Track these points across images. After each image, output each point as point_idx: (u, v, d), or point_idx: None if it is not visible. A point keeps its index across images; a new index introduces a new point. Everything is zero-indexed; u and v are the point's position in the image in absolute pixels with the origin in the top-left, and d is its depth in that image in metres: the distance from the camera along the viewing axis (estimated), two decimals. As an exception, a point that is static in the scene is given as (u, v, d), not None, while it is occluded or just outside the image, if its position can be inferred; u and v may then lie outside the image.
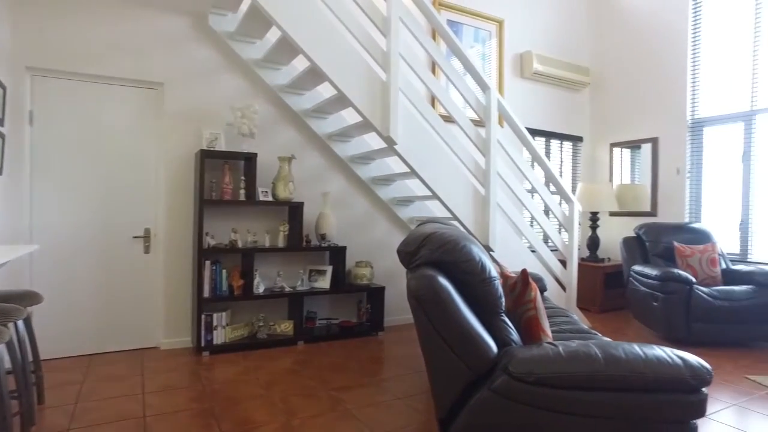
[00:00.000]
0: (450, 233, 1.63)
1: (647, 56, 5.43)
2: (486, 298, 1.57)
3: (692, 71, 5.08)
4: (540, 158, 4.14)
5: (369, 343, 3.83)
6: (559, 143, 5.81)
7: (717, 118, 4.92)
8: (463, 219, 3.66)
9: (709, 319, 3.79)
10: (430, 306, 1.44)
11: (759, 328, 3.85)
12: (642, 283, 4.19)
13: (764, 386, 3.05)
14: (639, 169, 5.64)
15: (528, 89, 5.44)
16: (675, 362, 1.43)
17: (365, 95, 3.18)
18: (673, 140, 5.20)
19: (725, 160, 4.88)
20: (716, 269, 4.23)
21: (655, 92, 5.37)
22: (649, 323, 4.17)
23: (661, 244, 4.50)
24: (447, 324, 1.43)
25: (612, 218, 5.79)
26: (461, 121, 3.63)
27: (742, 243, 4.74)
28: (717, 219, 4.93)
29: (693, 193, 5.11)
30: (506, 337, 1.56)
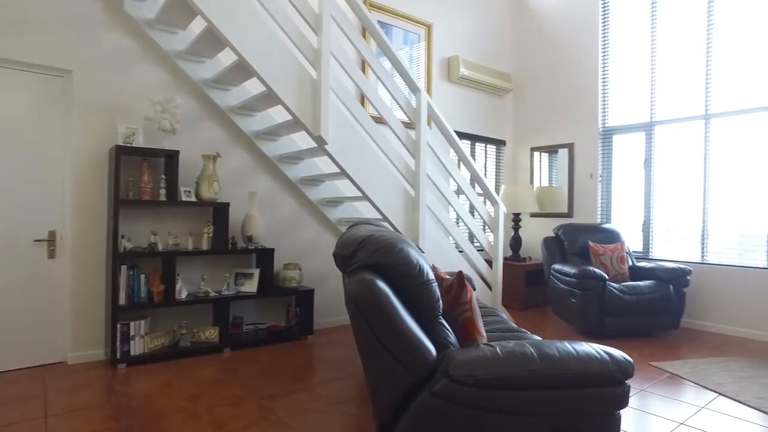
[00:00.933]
0: (387, 236, 1.61)
1: (563, 66, 5.76)
2: (424, 302, 1.57)
3: (602, 83, 5.46)
4: (468, 161, 4.25)
5: (299, 348, 3.74)
6: (483, 146, 6.01)
7: (623, 127, 5.32)
8: (394, 220, 3.67)
9: (619, 313, 4.08)
10: (369, 311, 1.41)
11: (660, 319, 4.20)
12: (561, 281, 4.42)
13: (666, 371, 3.32)
14: (556, 173, 5.97)
15: (455, 93, 5.59)
16: (603, 358, 1.50)
17: (295, 93, 3.09)
18: (587, 146, 5.56)
19: (631, 166, 5.29)
20: (625, 266, 4.57)
21: (570, 101, 5.71)
22: (567, 318, 4.42)
23: (578, 243, 4.79)
24: (386, 329, 1.41)
25: (532, 219, 6.08)
26: (391, 122, 3.64)
27: (644, 242, 5.16)
28: (624, 220, 5.33)
29: (604, 195, 5.49)
30: (445, 340, 1.57)
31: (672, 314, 4.22)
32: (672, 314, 4.22)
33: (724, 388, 3.03)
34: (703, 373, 3.28)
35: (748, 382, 3.15)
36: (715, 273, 4.57)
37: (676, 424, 2.49)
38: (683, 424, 2.49)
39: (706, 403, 2.79)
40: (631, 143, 5.29)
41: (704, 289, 4.58)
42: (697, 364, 3.47)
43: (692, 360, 3.57)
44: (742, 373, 3.32)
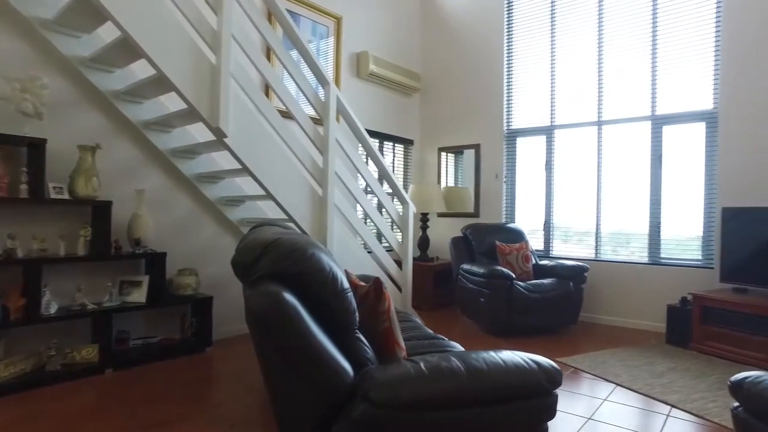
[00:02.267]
0: (295, 240, 1.40)
1: (471, 69, 5.86)
2: (339, 314, 1.38)
3: (507, 87, 5.62)
4: (378, 158, 4.12)
5: (196, 362, 3.37)
6: (391, 145, 5.94)
7: (526, 130, 5.51)
8: (300, 220, 3.44)
9: (525, 311, 4.18)
10: (275, 329, 1.19)
11: (561, 315, 4.37)
12: (470, 281, 4.45)
13: (570, 366, 3.42)
14: (463, 173, 6.06)
15: (364, 90, 5.45)
16: (531, 367, 1.41)
17: (190, 78, 2.75)
18: (492, 148, 5.69)
19: (533, 167, 5.49)
20: (529, 265, 4.70)
21: (477, 102, 5.81)
22: (475, 318, 4.45)
23: (485, 243, 4.85)
24: (297, 350, 1.20)
25: (440, 219, 6.12)
26: (299, 116, 3.41)
27: (545, 241, 5.38)
28: (527, 219, 5.52)
29: (509, 196, 5.66)
30: (363, 357, 1.39)
31: (572, 310, 4.40)
32: (572, 310, 4.40)
33: (620, 378, 3.18)
34: (601, 366, 3.42)
35: (638, 370, 3.34)
36: (607, 269, 4.86)
37: (585, 419, 2.53)
38: (591, 419, 2.54)
39: (608, 395, 2.89)
40: (534, 146, 5.49)
41: (598, 285, 4.86)
42: (595, 357, 3.63)
43: (591, 353, 3.73)
44: (632, 362, 3.51)
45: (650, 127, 4.73)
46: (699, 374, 3.29)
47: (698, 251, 4.50)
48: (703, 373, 3.32)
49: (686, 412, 2.67)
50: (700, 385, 3.08)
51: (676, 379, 3.19)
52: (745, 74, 4.21)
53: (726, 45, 4.29)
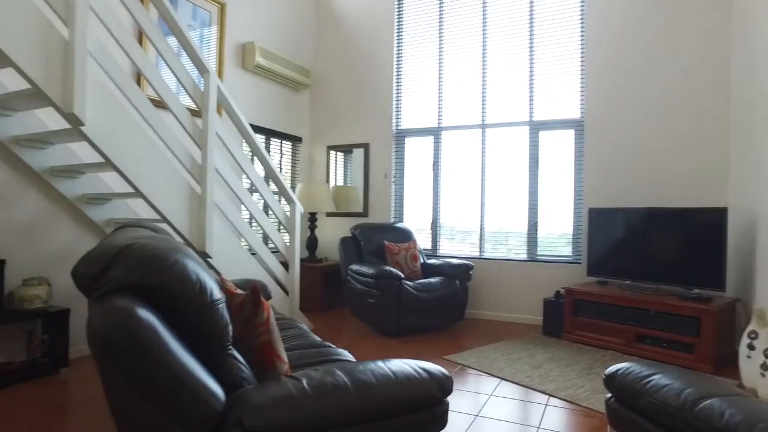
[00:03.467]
0: (154, 245, 1.18)
1: (361, 67, 5.80)
2: (208, 330, 1.19)
3: (396, 86, 5.65)
4: (263, 156, 3.89)
5: (48, 387, 2.89)
6: (278, 142, 5.69)
7: (415, 131, 5.59)
8: (175, 221, 3.11)
9: (414, 310, 4.20)
10: (125, 356, 0.98)
11: (448, 312, 4.47)
12: (359, 281, 4.38)
13: (458, 363, 3.49)
14: (352, 172, 6.00)
15: (250, 82, 5.14)
16: (422, 377, 1.34)
17: (36, 54, 2.34)
18: (382, 147, 5.69)
19: (421, 167, 5.58)
20: (417, 264, 4.75)
21: (367, 101, 5.78)
22: (365, 319, 4.39)
23: (374, 243, 4.82)
24: (153, 378, 1.00)
25: (328, 219, 5.99)
26: (174, 107, 3.08)
27: (433, 240, 5.49)
28: (415, 219, 5.60)
29: (397, 195, 5.69)
30: (236, 377, 1.22)
31: (458, 307, 4.52)
32: (458, 307, 4.52)
33: (504, 372, 3.29)
34: (487, 361, 3.53)
35: (520, 363, 3.50)
36: (490, 266, 5.08)
37: (473, 416, 2.56)
38: (478, 415, 2.58)
39: (493, 390, 2.97)
40: (422, 146, 5.58)
41: (482, 282, 5.05)
42: (481, 353, 3.74)
43: (477, 349, 3.84)
44: (514, 355, 3.68)
45: (528, 132, 5.02)
46: (571, 362, 3.53)
47: (569, 248, 4.87)
48: (575, 360, 3.57)
49: (561, 399, 2.82)
50: (572, 372, 3.30)
51: (552, 368, 3.38)
52: (606, 88, 4.63)
53: (590, 61, 4.69)
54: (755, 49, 3.61)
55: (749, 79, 3.73)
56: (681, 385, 1.25)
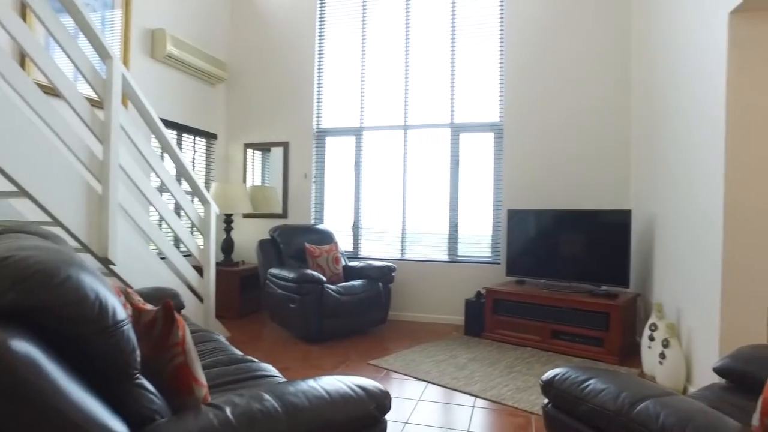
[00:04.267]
0: (38, 257, 0.97)
1: (281, 62, 5.58)
2: (112, 356, 1.00)
3: (317, 85, 5.49)
4: (175, 152, 3.59)
5: None
6: (192, 138, 5.32)
7: (336, 130, 5.47)
8: (70, 224, 2.76)
9: (336, 314, 4.08)
10: (-4, 396, 0.78)
11: (371, 315, 4.40)
12: (279, 286, 4.18)
13: (383, 368, 3.42)
14: (271, 172, 5.76)
15: (159, 73, 4.74)
16: (359, 395, 1.23)
17: None
18: (302, 146, 5.50)
19: (342, 168, 5.47)
20: (339, 267, 4.63)
21: (286, 98, 5.56)
22: (286, 325, 4.21)
23: (294, 245, 4.64)
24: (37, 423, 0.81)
25: (245, 220, 5.70)
26: (69, 94, 2.73)
27: (354, 242, 5.40)
28: (336, 220, 5.48)
29: (318, 196, 5.54)
30: (146, 409, 1.04)
31: (381, 310, 4.46)
32: (381, 310, 4.46)
33: (430, 375, 3.27)
34: (412, 364, 3.50)
35: (444, 364, 3.50)
36: (412, 268, 5.08)
37: (402, 424, 2.50)
38: (408, 422, 2.52)
39: (421, 394, 2.93)
40: (343, 146, 5.47)
41: (404, 283, 5.04)
42: (406, 356, 3.70)
43: (402, 352, 3.80)
44: (438, 357, 3.68)
45: (449, 134, 5.09)
46: (493, 361, 3.59)
47: (489, 249, 4.99)
48: (497, 360, 3.64)
49: (487, 400, 2.84)
50: (495, 372, 3.35)
51: (476, 369, 3.42)
52: (523, 94, 4.81)
53: (508, 67, 4.84)
54: (649, 69, 3.90)
55: (644, 96, 4.02)
56: (617, 389, 1.25)
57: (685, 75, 3.17)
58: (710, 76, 2.75)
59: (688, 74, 3.13)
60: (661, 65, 3.70)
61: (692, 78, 3.04)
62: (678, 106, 3.30)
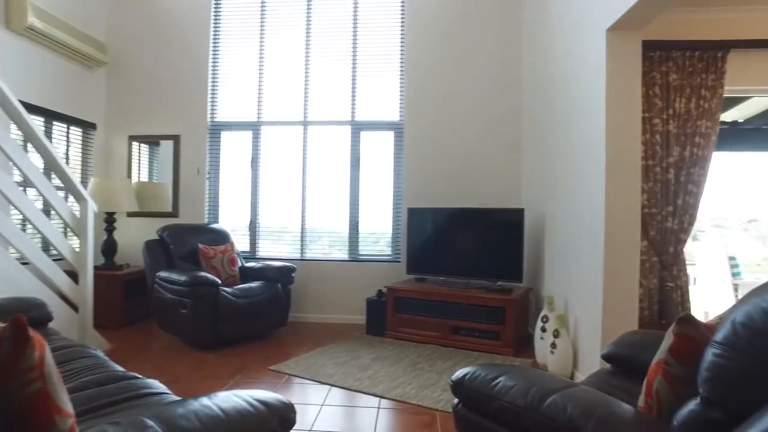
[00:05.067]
0: None
1: (172, 49, 5.14)
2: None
3: (213, 75, 5.15)
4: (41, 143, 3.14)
5: None
6: (64, 127, 4.73)
7: (232, 124, 5.18)
8: None
9: (233, 318, 3.84)
10: None
11: (271, 318, 4.22)
12: (169, 290, 3.85)
13: (284, 374, 3.27)
14: (159, 167, 5.31)
15: (19, 48, 4.12)
16: (259, 411, 1.11)
17: None
18: (194, 140, 5.13)
19: (239, 164, 5.19)
20: (236, 268, 4.38)
21: (178, 88, 5.14)
22: (177, 331, 3.90)
23: (186, 246, 4.31)
24: None
25: (131, 219, 5.19)
26: None
27: (251, 241, 5.15)
28: (232, 219, 5.18)
29: (212, 194, 5.20)
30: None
31: (281, 312, 4.29)
32: (281, 312, 4.29)
33: (333, 378, 3.19)
34: (314, 368, 3.38)
35: (348, 366, 3.43)
36: (312, 267, 4.95)
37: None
38: (312, 430, 2.41)
39: (324, 399, 2.83)
40: (240, 141, 5.19)
41: (304, 284, 4.88)
42: (308, 359, 3.58)
43: (303, 355, 3.67)
44: (341, 359, 3.60)
45: (350, 132, 5.03)
46: (396, 360, 3.59)
47: (389, 247, 5.01)
48: (399, 358, 3.64)
49: (392, 400, 2.82)
50: (398, 370, 3.35)
51: (379, 368, 3.39)
52: (422, 96, 4.89)
53: (408, 68, 4.90)
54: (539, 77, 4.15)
55: (535, 102, 4.28)
56: (526, 385, 1.27)
57: (570, 85, 3.39)
58: (591, 86, 2.95)
59: (571, 85, 3.35)
60: (548, 74, 3.94)
61: (576, 88, 3.26)
62: (564, 112, 3.52)
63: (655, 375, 1.32)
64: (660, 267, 3.35)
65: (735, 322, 1.05)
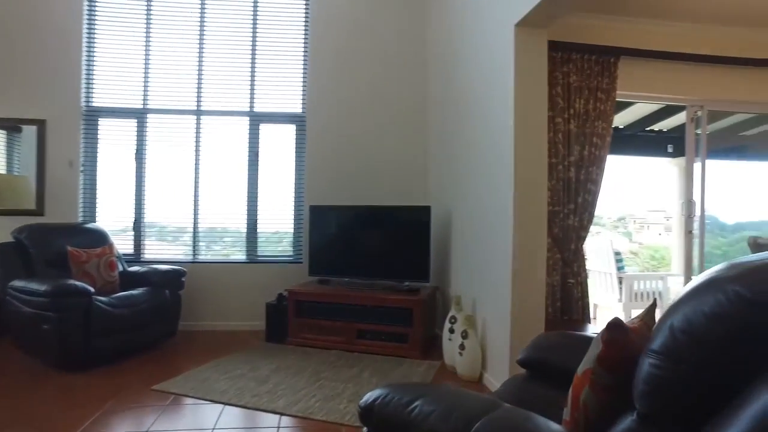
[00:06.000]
0: None
1: (35, 16, 4.41)
2: None
3: (87, 52, 4.51)
4: None
5: None
6: None
7: (113, 110, 4.58)
8: None
9: (110, 332, 3.36)
10: None
11: (157, 328, 3.78)
12: (27, 303, 3.25)
13: (170, 393, 2.89)
14: (20, 157, 4.56)
15: None
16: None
17: None
18: (65, 127, 4.46)
19: (121, 155, 4.61)
20: (115, 274, 3.86)
21: (44, 65, 4.42)
22: (37, 351, 3.33)
23: (52, 249, 3.69)
24: None
25: (-19, 218, 4.39)
26: None
27: (136, 243, 4.61)
28: (112, 218, 4.59)
29: (87, 189, 4.56)
30: None
31: (169, 321, 3.86)
32: (169, 321, 3.86)
33: (227, 395, 2.87)
34: (206, 384, 3.03)
35: (244, 380, 3.13)
36: (206, 270, 4.54)
37: (191, 465, 2.07)
38: (198, 462, 2.10)
39: (216, 421, 2.51)
40: (122, 129, 4.61)
41: (197, 289, 4.43)
42: (199, 374, 3.21)
43: (194, 370, 3.29)
44: (237, 372, 3.29)
45: (248, 124, 4.67)
46: (298, 370, 3.34)
47: (291, 247, 4.73)
48: (302, 367, 3.40)
49: (294, 416, 2.58)
50: (301, 381, 3.11)
51: (280, 380, 3.12)
52: (327, 86, 4.67)
53: (311, 58, 4.65)
54: (445, 72, 4.13)
55: (441, 98, 4.25)
56: (446, 409, 1.12)
57: (477, 80, 3.37)
58: (499, 81, 2.93)
59: (479, 79, 3.33)
60: (455, 69, 3.91)
61: (484, 82, 3.24)
62: (472, 107, 3.49)
63: (582, 386, 1.23)
64: (562, 264, 3.45)
65: (673, 328, 0.96)
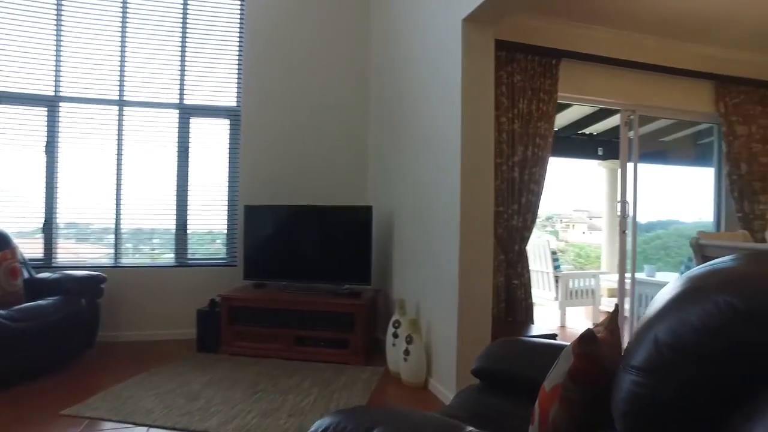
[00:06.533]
0: None
1: None
2: None
3: (-16, 30, 3.98)
4: None
5: None
6: None
7: (16, 96, 4.07)
8: None
9: (10, 350, 2.94)
10: None
11: (71, 342, 3.39)
12: None
13: (84, 417, 2.56)
14: None
15: None
16: None
17: None
18: (-43, 114, 3.92)
19: (27, 148, 4.12)
20: (18, 281, 3.42)
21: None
22: None
23: (-60, 255, 3.21)
24: None
25: None
26: None
27: (46, 246, 4.13)
28: (16, 219, 4.09)
29: (-14, 186, 4.03)
30: None
31: (86, 333, 3.48)
32: (86, 333, 3.48)
33: (153, 415, 2.59)
34: (128, 404, 2.72)
35: (173, 396, 2.85)
36: (130, 275, 4.16)
37: (107, 504, 1.81)
38: (116, 500, 1.84)
39: (138, 448, 2.24)
40: (28, 118, 4.11)
41: (119, 296, 4.04)
42: (120, 393, 2.89)
43: (114, 387, 2.95)
44: (165, 387, 3.00)
45: (178, 117, 4.33)
46: (233, 382, 3.10)
47: (224, 249, 4.44)
48: (237, 379, 3.16)
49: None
50: (236, 395, 2.88)
51: (212, 395, 2.87)
52: (264, 79, 4.41)
53: (247, 48, 4.38)
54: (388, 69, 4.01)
55: (383, 96, 4.13)
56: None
57: (422, 75, 3.27)
58: (446, 77, 2.84)
59: (424, 75, 3.23)
60: (399, 64, 3.80)
61: (429, 78, 3.14)
62: (416, 103, 3.39)
63: (551, 403, 1.14)
64: (506, 265, 3.43)
65: (658, 342, 0.86)
